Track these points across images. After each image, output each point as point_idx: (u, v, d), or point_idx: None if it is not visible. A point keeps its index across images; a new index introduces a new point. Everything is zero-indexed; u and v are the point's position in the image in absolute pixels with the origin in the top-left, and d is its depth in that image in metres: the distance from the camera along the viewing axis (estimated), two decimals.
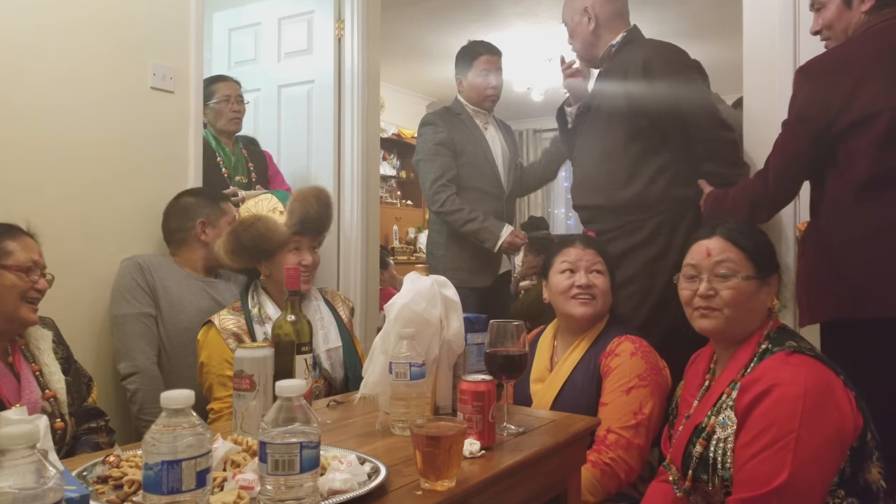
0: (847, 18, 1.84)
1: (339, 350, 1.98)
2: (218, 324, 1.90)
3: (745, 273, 1.50)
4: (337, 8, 3.46)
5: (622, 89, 2.24)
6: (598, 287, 1.92)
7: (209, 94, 2.94)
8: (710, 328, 1.54)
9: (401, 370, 1.37)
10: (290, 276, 1.45)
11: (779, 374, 1.37)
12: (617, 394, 1.77)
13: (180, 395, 0.86)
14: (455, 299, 1.52)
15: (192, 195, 2.42)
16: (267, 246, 1.91)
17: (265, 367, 1.31)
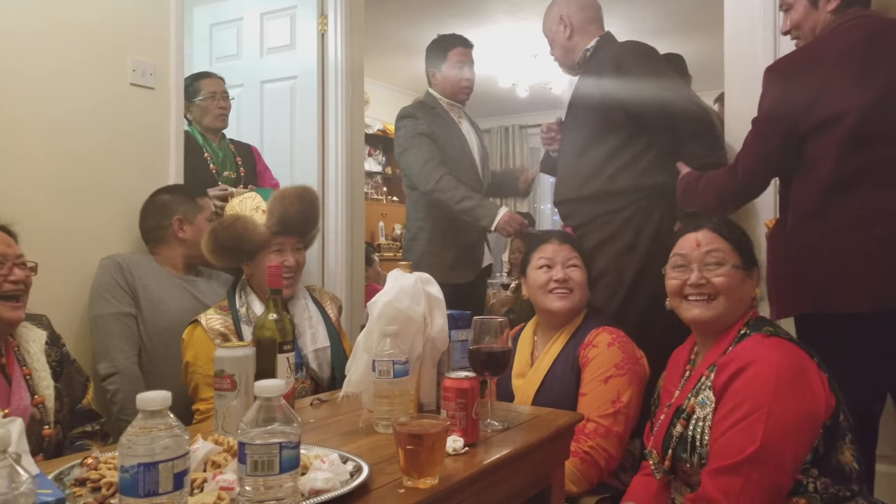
0: (814, 18, 1.87)
1: (327, 350, 1.97)
2: (205, 323, 1.88)
3: (733, 262, 1.56)
4: (320, 3, 3.44)
5: (598, 88, 2.33)
6: (574, 280, 1.95)
7: (194, 90, 2.91)
8: (704, 317, 1.56)
9: (384, 368, 1.36)
10: (272, 274, 1.44)
11: (755, 352, 1.43)
12: (595, 384, 1.80)
13: (157, 396, 0.85)
14: (439, 296, 1.52)
15: (168, 192, 2.40)
16: (246, 246, 1.88)
17: (246, 367, 1.30)
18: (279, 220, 1.91)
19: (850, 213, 1.73)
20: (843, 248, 1.72)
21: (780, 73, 1.85)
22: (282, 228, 1.92)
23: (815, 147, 1.77)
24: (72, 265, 2.25)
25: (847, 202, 1.73)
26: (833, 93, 1.74)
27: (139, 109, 2.47)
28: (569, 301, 1.94)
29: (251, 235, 1.88)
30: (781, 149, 1.84)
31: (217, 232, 1.89)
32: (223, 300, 1.99)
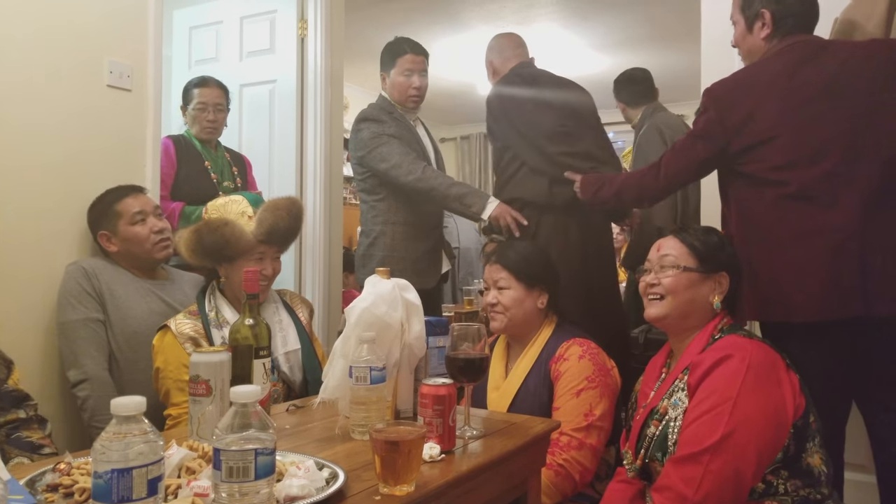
0: (749, 42, 1.95)
1: (298, 353, 1.96)
2: (174, 328, 1.86)
3: (685, 264, 1.64)
4: (300, 8, 3.44)
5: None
6: (500, 303, 1.97)
7: (189, 97, 2.89)
8: (654, 315, 1.67)
9: (361, 374, 1.36)
10: (249, 279, 1.43)
11: (729, 346, 1.49)
12: (567, 397, 1.81)
13: (130, 401, 0.84)
14: (416, 303, 1.52)
15: (91, 207, 2.28)
16: (229, 252, 1.87)
17: (222, 372, 1.29)
18: (267, 231, 1.91)
19: (788, 229, 1.77)
20: (783, 261, 1.76)
21: (715, 95, 1.91)
22: (268, 239, 1.92)
23: (751, 168, 1.83)
24: (41, 272, 2.20)
25: (785, 218, 1.77)
26: (766, 117, 1.79)
27: (115, 111, 2.44)
28: (499, 322, 1.98)
29: (237, 242, 1.87)
30: (707, 163, 1.96)
31: (202, 234, 1.87)
32: (192, 304, 1.97)
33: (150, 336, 1.94)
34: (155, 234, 2.24)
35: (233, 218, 1.91)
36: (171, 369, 1.84)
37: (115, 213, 2.24)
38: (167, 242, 2.27)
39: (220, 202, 2.02)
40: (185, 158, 2.84)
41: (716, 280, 1.65)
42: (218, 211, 1.97)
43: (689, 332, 1.64)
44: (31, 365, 2.14)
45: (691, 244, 1.66)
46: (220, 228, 1.86)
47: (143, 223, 2.23)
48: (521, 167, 2.55)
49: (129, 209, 2.24)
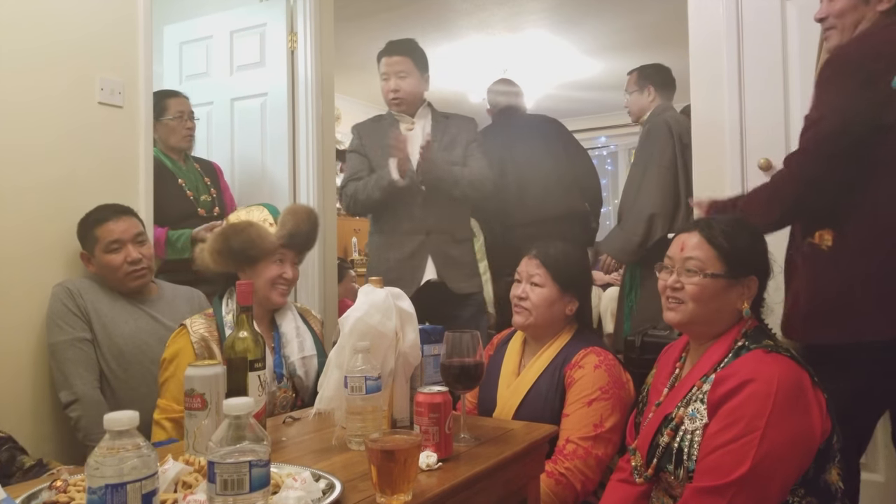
0: (861, 12, 1.75)
1: (314, 359, 1.97)
2: (190, 327, 1.88)
3: (711, 270, 1.51)
4: (289, 20, 3.45)
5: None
6: (529, 299, 1.92)
7: (161, 109, 2.87)
8: (675, 320, 1.56)
9: (356, 384, 1.36)
10: (242, 291, 1.43)
11: (755, 369, 1.39)
12: (578, 405, 1.77)
13: (123, 416, 0.84)
14: (410, 311, 1.52)
15: (78, 225, 2.26)
16: (254, 252, 1.90)
17: (217, 385, 1.29)
18: (290, 233, 1.95)
19: None
20: None
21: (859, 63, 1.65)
22: (290, 241, 1.95)
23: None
24: (31, 292, 2.19)
25: None
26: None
27: (107, 128, 2.45)
28: (523, 318, 1.92)
29: (262, 242, 1.90)
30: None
31: (228, 235, 1.90)
32: (204, 309, 1.98)
33: (139, 355, 1.94)
34: (129, 265, 2.20)
35: (255, 220, 1.95)
36: (180, 363, 1.85)
37: (94, 238, 2.22)
38: (142, 272, 2.24)
39: (242, 211, 2.05)
40: (159, 180, 2.74)
41: (744, 285, 1.53)
42: (240, 218, 2.00)
43: (711, 337, 1.54)
44: (23, 386, 2.14)
45: (719, 245, 1.52)
46: (246, 229, 1.91)
47: (118, 252, 2.20)
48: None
49: (107, 236, 2.21)
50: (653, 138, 3.07)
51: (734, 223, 1.59)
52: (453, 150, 2.79)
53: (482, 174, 2.77)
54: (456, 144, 2.80)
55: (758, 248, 1.58)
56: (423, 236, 2.72)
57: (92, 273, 2.26)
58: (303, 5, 3.46)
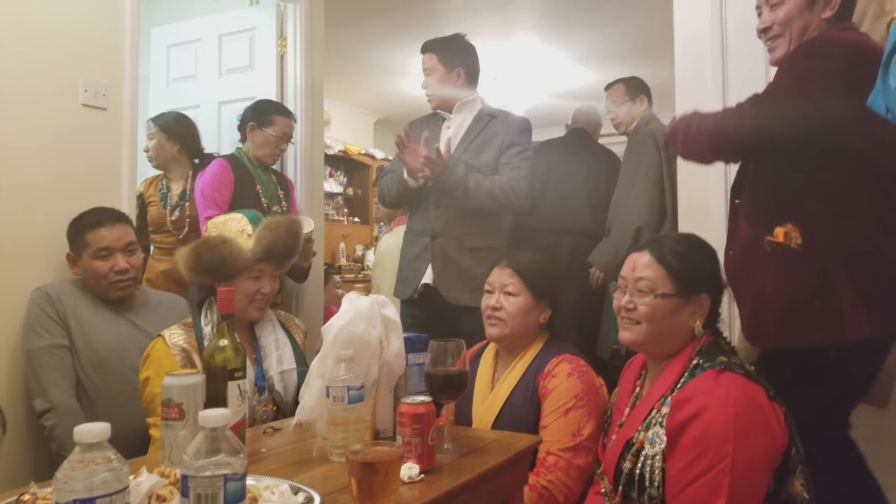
0: (807, 19, 1.74)
1: (293, 372, 1.94)
2: (168, 339, 1.84)
3: (662, 290, 1.52)
4: (279, 25, 3.43)
5: None
6: (504, 310, 1.89)
7: (268, 121, 2.86)
8: (629, 340, 1.57)
9: (338, 394, 1.34)
10: (223, 299, 1.40)
11: (709, 395, 1.38)
12: (556, 415, 1.76)
13: (95, 428, 0.82)
14: (395, 319, 1.50)
15: (70, 224, 2.22)
16: (227, 270, 1.86)
17: (195, 395, 1.26)
18: (266, 249, 1.89)
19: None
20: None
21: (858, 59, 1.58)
22: (266, 257, 1.90)
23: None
24: (11, 296, 2.15)
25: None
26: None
27: (90, 130, 2.41)
28: (498, 329, 1.90)
29: (235, 260, 1.85)
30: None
31: (201, 251, 1.86)
32: (185, 318, 1.94)
33: (118, 363, 1.90)
34: (115, 274, 2.16)
35: (232, 236, 1.90)
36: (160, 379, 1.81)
37: (84, 242, 2.17)
38: (127, 283, 2.20)
39: (220, 220, 2.00)
40: (240, 181, 2.80)
41: (696, 303, 1.54)
42: (217, 229, 1.96)
43: (667, 356, 1.55)
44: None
45: (669, 264, 1.53)
46: (219, 246, 1.85)
47: (106, 259, 2.16)
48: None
49: (97, 242, 2.16)
50: (639, 151, 3.08)
51: (685, 241, 1.61)
52: (482, 153, 2.62)
53: (511, 186, 2.55)
54: (487, 148, 2.62)
55: (708, 266, 1.59)
56: (429, 239, 2.61)
57: (75, 276, 2.22)
58: (293, 10, 3.44)
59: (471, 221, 2.58)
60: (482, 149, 2.63)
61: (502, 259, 1.98)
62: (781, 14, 1.75)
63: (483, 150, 2.63)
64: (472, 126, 2.68)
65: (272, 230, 1.93)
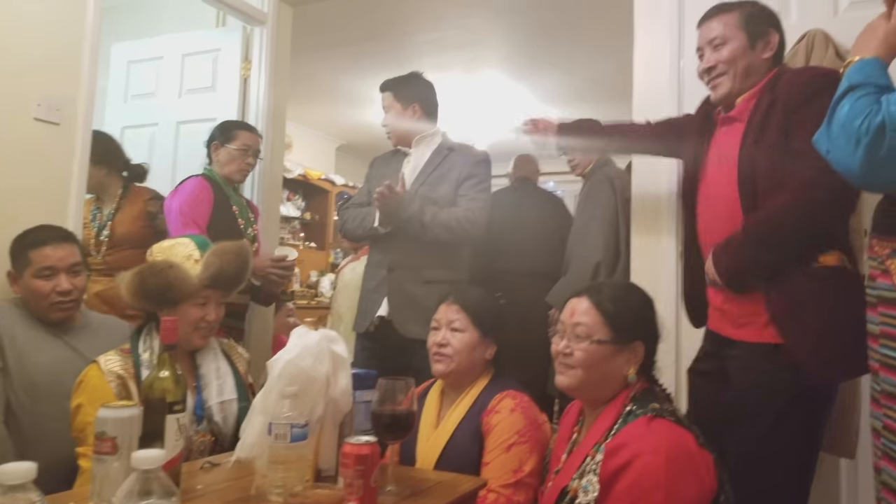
0: (750, 58, 1.81)
1: (234, 403, 1.89)
2: (103, 364, 1.77)
3: (598, 337, 1.54)
4: (245, 48, 3.42)
5: None
6: (450, 346, 1.89)
7: (229, 137, 2.79)
8: (564, 385, 1.59)
9: (281, 431, 1.31)
10: (166, 328, 1.37)
11: (641, 442, 1.40)
12: (497, 452, 1.76)
13: (17, 469, 0.78)
14: (344, 355, 1.48)
15: (13, 241, 2.14)
16: (172, 296, 1.80)
17: (130, 428, 1.22)
18: (213, 276, 1.85)
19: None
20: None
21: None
22: (213, 283, 1.85)
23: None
24: None
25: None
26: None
27: (42, 146, 2.35)
28: (444, 365, 1.89)
29: (182, 286, 1.80)
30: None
31: (146, 276, 1.80)
32: (125, 343, 1.88)
33: (53, 387, 1.82)
34: (57, 294, 2.09)
35: (178, 261, 1.85)
36: (93, 407, 1.74)
37: (26, 260, 2.09)
38: (68, 305, 2.12)
39: (166, 244, 1.94)
40: (217, 200, 2.72)
41: (631, 350, 1.56)
42: (164, 253, 1.90)
43: (601, 402, 1.56)
44: None
45: (606, 311, 1.56)
46: (165, 271, 1.80)
47: (49, 279, 2.08)
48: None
49: (41, 261, 2.08)
50: (595, 194, 3.14)
51: (623, 288, 1.65)
52: (438, 186, 2.63)
53: (468, 217, 2.56)
54: (444, 181, 2.63)
55: (645, 314, 1.61)
56: (386, 271, 2.59)
57: (14, 295, 2.14)
58: (259, 34, 3.43)
59: (428, 254, 2.57)
60: (439, 181, 2.64)
61: (449, 295, 1.98)
62: (726, 53, 1.81)
63: (440, 182, 2.64)
64: (431, 159, 2.70)
65: (220, 256, 1.88)
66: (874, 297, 1.31)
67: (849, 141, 1.17)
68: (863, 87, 1.21)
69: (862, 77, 1.23)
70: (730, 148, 1.80)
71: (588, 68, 5.30)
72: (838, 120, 1.21)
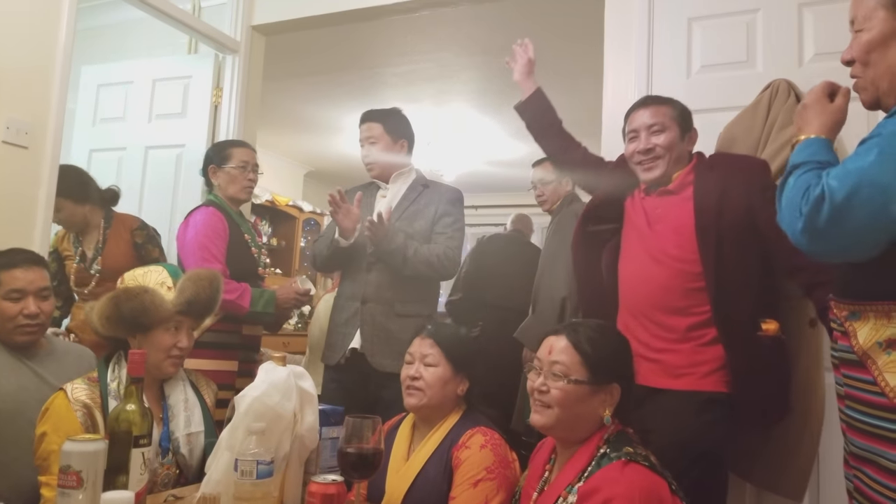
0: (680, 148, 2.04)
1: (201, 435, 1.87)
2: (70, 393, 1.75)
3: (575, 377, 1.55)
4: (216, 75, 3.44)
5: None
6: (423, 379, 1.89)
7: (224, 157, 2.72)
8: (539, 423, 1.59)
9: (247, 468, 1.31)
10: (134, 361, 1.36)
11: (614, 487, 1.41)
12: (465, 486, 1.76)
13: None
14: (312, 392, 1.49)
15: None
16: (146, 320, 1.79)
17: (96, 463, 1.21)
18: (188, 301, 1.84)
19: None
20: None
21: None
22: (188, 309, 1.85)
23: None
24: None
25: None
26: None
27: (8, 169, 2.33)
28: (416, 399, 1.89)
29: (157, 311, 1.79)
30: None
31: (120, 300, 1.78)
32: (93, 371, 1.86)
33: (16, 414, 1.79)
34: (24, 317, 2.04)
35: (152, 287, 1.85)
36: (58, 436, 1.71)
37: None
38: (34, 329, 2.08)
39: (139, 272, 1.92)
40: (231, 232, 2.63)
41: (607, 392, 1.57)
42: (136, 280, 1.88)
43: (575, 442, 1.58)
44: None
45: (584, 351, 1.56)
46: (140, 295, 1.79)
47: (16, 302, 2.04)
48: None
49: (10, 283, 2.05)
50: (562, 230, 3.18)
51: (600, 330, 1.65)
52: (415, 221, 2.65)
53: (447, 254, 2.59)
54: (420, 216, 2.66)
55: (621, 356, 1.64)
56: (359, 304, 2.57)
57: None
58: (231, 62, 3.45)
59: (402, 287, 2.58)
60: (416, 217, 2.66)
61: (423, 329, 2.00)
62: (664, 139, 2.02)
63: (416, 218, 2.66)
64: (407, 194, 2.72)
65: (195, 282, 1.88)
66: (836, 359, 1.39)
67: (792, 213, 1.25)
68: (806, 164, 1.29)
69: (806, 155, 1.32)
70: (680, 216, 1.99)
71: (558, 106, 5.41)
72: (786, 195, 1.30)
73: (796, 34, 2.37)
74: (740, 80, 2.04)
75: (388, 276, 2.57)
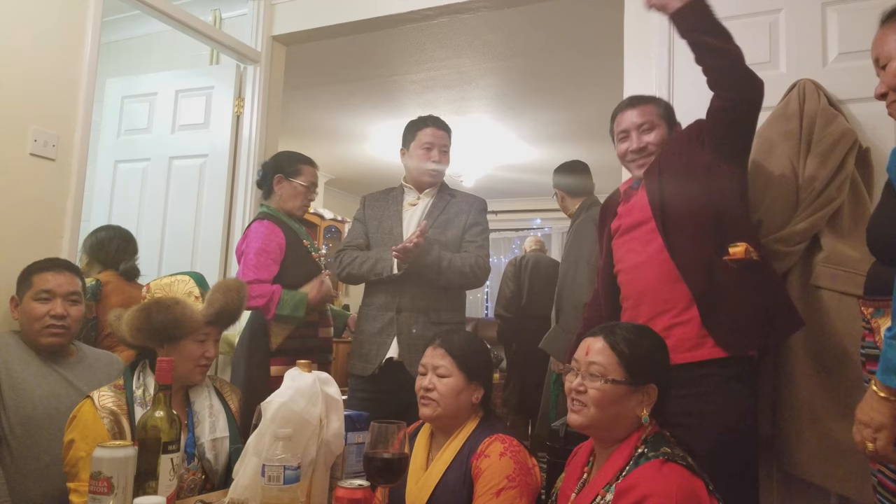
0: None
1: (226, 441, 1.89)
2: (97, 400, 1.77)
3: (613, 377, 1.55)
4: (238, 86, 3.47)
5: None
6: (436, 390, 1.90)
7: (294, 171, 2.75)
8: (577, 423, 1.59)
9: (274, 473, 1.32)
10: (162, 369, 1.38)
11: (652, 484, 1.41)
12: (487, 497, 1.76)
13: None
14: (337, 397, 1.50)
15: (24, 269, 2.18)
16: (177, 331, 1.82)
17: (126, 469, 1.23)
18: (217, 312, 1.87)
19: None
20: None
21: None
22: (217, 320, 1.87)
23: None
24: None
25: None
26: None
27: (36, 181, 2.37)
28: (430, 409, 1.90)
29: (187, 322, 1.82)
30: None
31: (152, 312, 1.81)
32: (118, 379, 1.88)
33: (48, 421, 1.82)
34: (51, 318, 2.10)
35: (181, 297, 1.87)
36: (87, 443, 1.74)
37: (28, 283, 2.13)
38: (59, 331, 2.12)
39: (165, 282, 1.95)
40: (289, 241, 2.67)
41: (644, 392, 1.57)
42: (163, 290, 1.91)
43: (613, 441, 1.57)
44: None
45: (621, 352, 1.57)
46: (172, 307, 1.82)
47: (45, 303, 2.10)
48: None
49: (40, 284, 2.12)
50: (581, 236, 3.17)
51: (637, 331, 1.65)
52: (447, 230, 2.68)
53: (479, 263, 2.64)
54: (452, 225, 2.69)
55: (658, 358, 1.63)
56: (394, 313, 2.59)
57: (14, 322, 2.14)
58: (253, 72, 3.49)
59: (436, 297, 2.61)
60: (447, 226, 2.69)
61: (434, 340, 2.00)
62: (654, 137, 2.11)
63: (448, 227, 2.69)
64: (436, 203, 2.74)
65: (225, 293, 1.90)
66: (863, 356, 1.41)
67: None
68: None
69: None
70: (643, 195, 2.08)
71: (570, 111, 5.43)
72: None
73: (820, 34, 2.34)
74: (764, 81, 2.02)
75: (421, 286, 2.59)
